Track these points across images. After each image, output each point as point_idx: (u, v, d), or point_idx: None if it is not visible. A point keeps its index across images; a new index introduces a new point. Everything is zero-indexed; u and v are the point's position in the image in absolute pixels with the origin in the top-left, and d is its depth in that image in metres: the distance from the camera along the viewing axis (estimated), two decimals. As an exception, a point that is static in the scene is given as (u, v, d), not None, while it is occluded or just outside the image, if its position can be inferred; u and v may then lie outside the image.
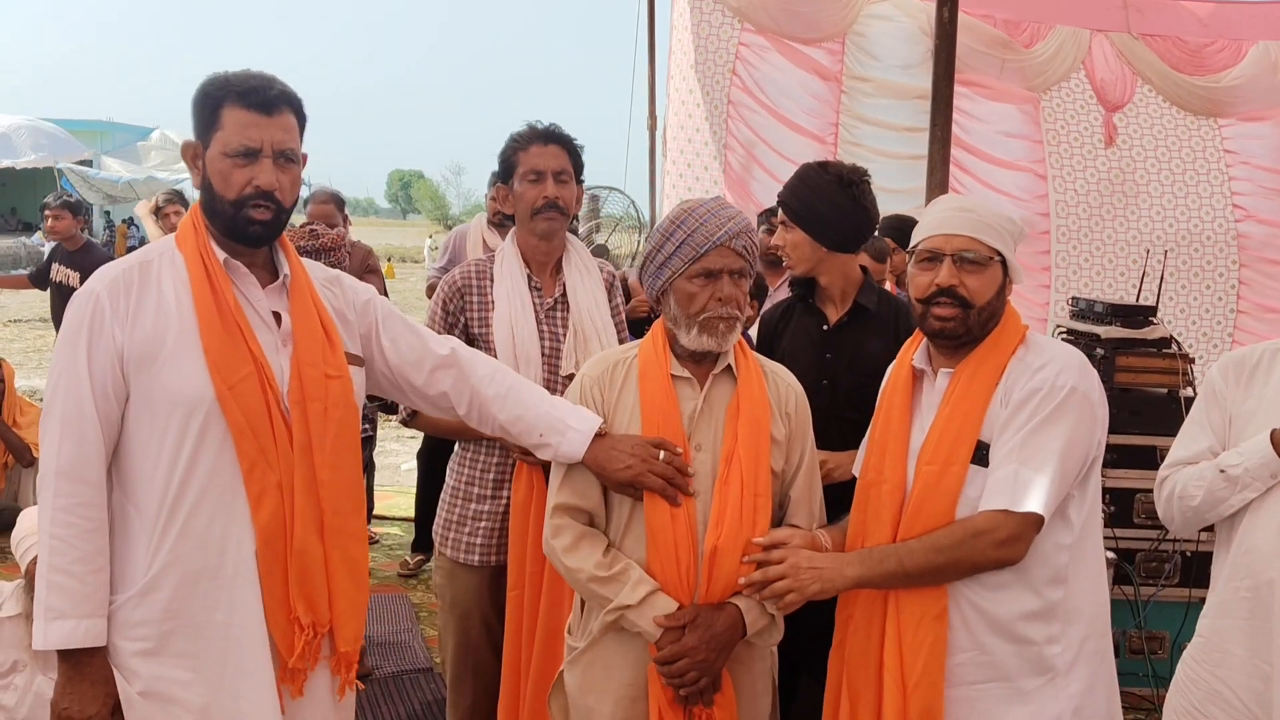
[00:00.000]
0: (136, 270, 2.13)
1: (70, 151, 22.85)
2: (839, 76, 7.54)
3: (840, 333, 3.27)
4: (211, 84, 2.15)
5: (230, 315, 2.11)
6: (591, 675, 2.41)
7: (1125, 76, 7.66)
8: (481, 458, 3.02)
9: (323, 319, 2.27)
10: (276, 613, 2.13)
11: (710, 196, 2.51)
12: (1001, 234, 2.30)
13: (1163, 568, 4.27)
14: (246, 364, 2.10)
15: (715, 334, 2.36)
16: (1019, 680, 2.20)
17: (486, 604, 3.03)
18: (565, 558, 2.37)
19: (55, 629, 2.03)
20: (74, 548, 2.04)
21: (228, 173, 2.11)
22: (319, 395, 2.18)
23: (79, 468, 2.06)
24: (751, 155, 7.51)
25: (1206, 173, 7.78)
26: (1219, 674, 2.44)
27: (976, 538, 2.14)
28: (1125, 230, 7.76)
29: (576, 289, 3.07)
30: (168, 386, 2.07)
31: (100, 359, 2.06)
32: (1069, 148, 7.73)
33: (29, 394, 8.25)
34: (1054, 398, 2.17)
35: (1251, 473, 2.37)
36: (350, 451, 2.24)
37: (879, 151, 7.44)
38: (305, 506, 2.14)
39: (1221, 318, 7.81)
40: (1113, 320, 4.46)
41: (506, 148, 3.06)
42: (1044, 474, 2.12)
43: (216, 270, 2.13)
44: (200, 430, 2.07)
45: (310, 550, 2.15)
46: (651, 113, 8.41)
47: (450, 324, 3.02)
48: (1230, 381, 2.54)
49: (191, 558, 2.09)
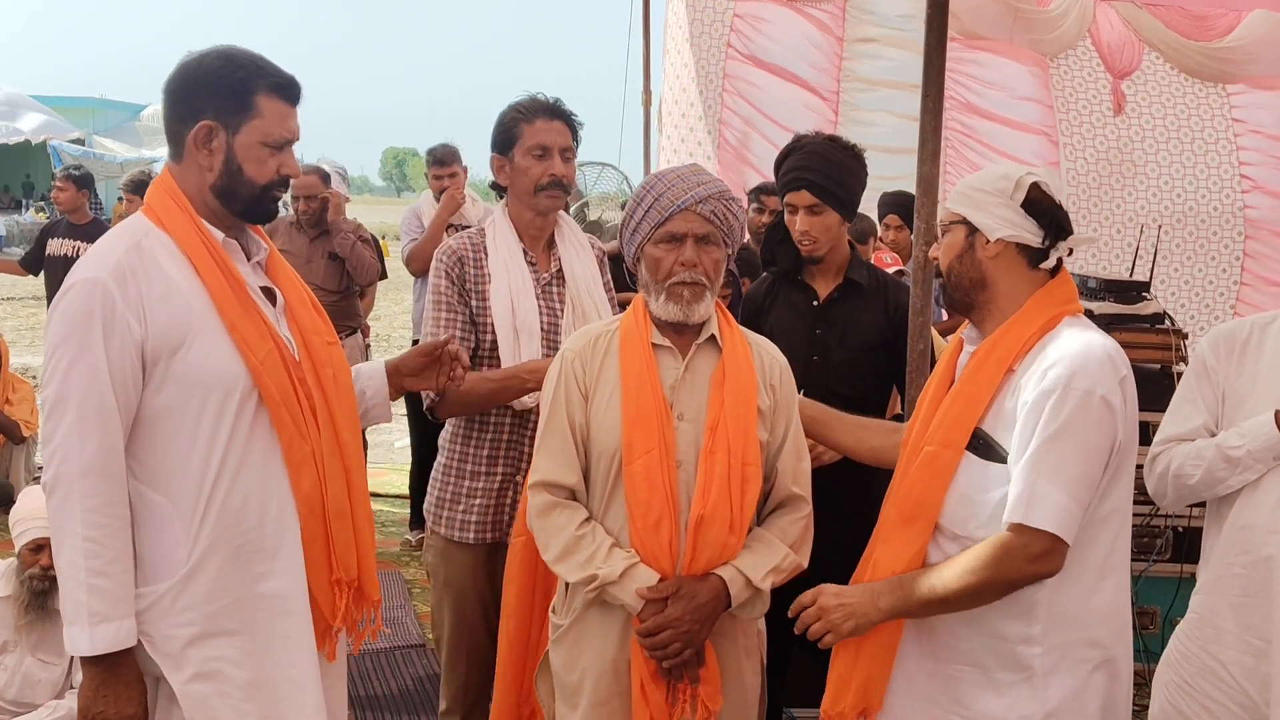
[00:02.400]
0: (134, 253, 2.07)
1: (59, 131, 22.70)
2: (840, 35, 7.45)
3: (831, 308, 3.25)
4: (241, 67, 2.13)
5: (244, 292, 2.13)
6: (576, 652, 2.41)
7: (1132, 43, 7.53)
8: (475, 433, 2.97)
9: (305, 289, 2.33)
10: (319, 577, 2.19)
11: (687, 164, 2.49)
12: (970, 196, 2.22)
13: (1154, 543, 4.27)
14: (267, 339, 2.12)
15: (680, 301, 2.35)
16: (993, 671, 2.16)
17: (482, 582, 3.00)
18: (539, 531, 2.37)
19: (102, 633, 2.00)
20: (109, 548, 2.00)
21: (263, 160, 2.15)
22: (327, 361, 2.25)
23: (106, 464, 2.01)
24: (751, 126, 7.45)
25: (1215, 142, 7.61)
26: (1211, 650, 2.43)
27: (1008, 556, 2.05)
28: (1133, 200, 7.62)
29: (573, 264, 3.01)
30: (201, 368, 2.05)
31: (117, 349, 2.00)
32: (1079, 115, 7.58)
33: (21, 371, 8.23)
34: (1066, 403, 2.03)
35: (1254, 455, 2.34)
36: (354, 412, 2.35)
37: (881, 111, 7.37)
38: (334, 470, 2.20)
39: (1225, 289, 7.72)
40: (1105, 295, 4.44)
41: (508, 118, 2.96)
42: (1065, 490, 2.03)
43: (217, 249, 2.13)
44: (238, 410, 2.08)
45: (344, 511, 2.22)
46: (646, 88, 8.34)
47: (457, 293, 2.91)
48: (1221, 357, 2.50)
49: (233, 535, 2.10)
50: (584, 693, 2.39)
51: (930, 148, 3.10)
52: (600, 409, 2.38)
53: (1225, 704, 2.40)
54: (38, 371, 9.12)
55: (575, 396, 2.40)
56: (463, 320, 2.91)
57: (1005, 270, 2.21)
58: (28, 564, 3.54)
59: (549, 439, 2.41)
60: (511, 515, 2.95)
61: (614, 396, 2.36)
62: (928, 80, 3.09)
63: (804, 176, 3.14)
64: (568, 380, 2.41)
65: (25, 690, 3.56)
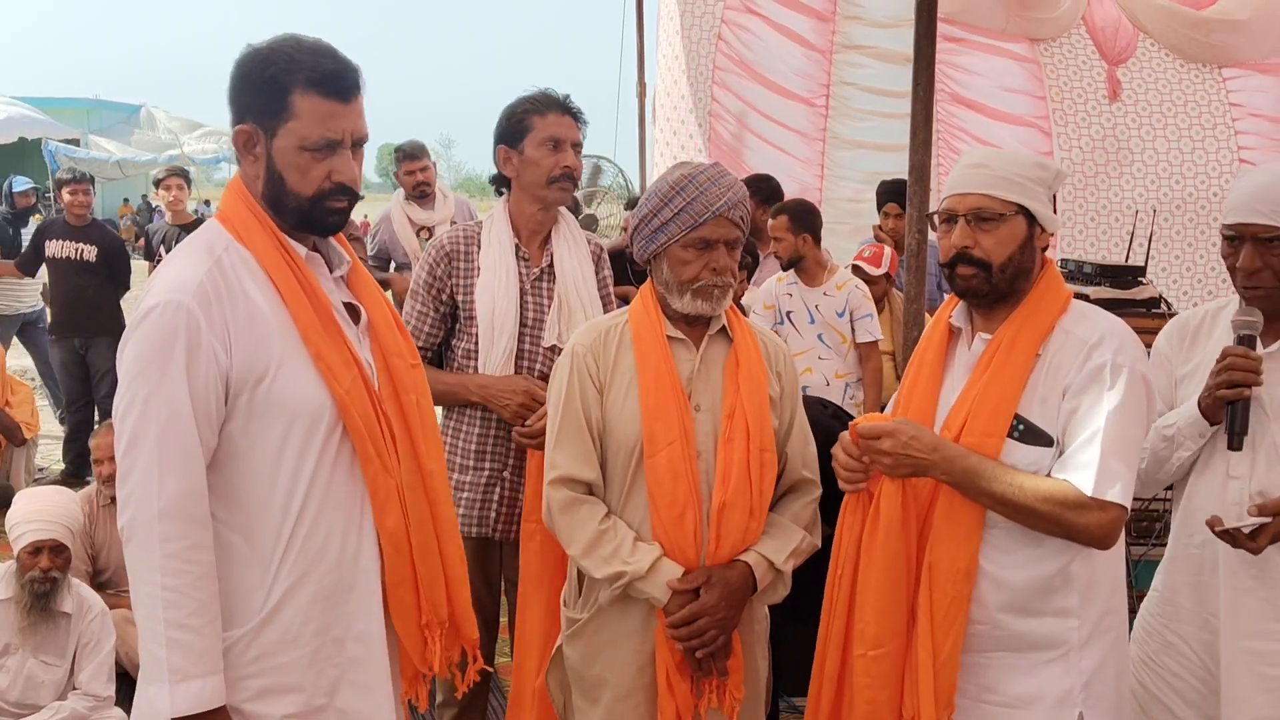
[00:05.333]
0: (217, 272, 1.88)
1: (52, 131, 22.64)
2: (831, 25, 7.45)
3: None
4: (273, 63, 1.89)
5: (329, 315, 1.95)
6: (597, 645, 2.41)
7: (1126, 29, 7.52)
8: (464, 428, 3.00)
9: (388, 306, 2.15)
10: (407, 621, 2.04)
11: (709, 162, 2.49)
12: (1021, 184, 2.18)
13: (1153, 527, 4.27)
14: (351, 366, 1.94)
15: (710, 299, 2.37)
16: (1029, 653, 2.17)
17: (473, 574, 2.98)
18: (562, 527, 2.36)
19: (183, 692, 1.79)
20: (191, 598, 1.80)
21: (306, 167, 1.91)
22: (410, 386, 2.07)
23: (188, 506, 1.82)
24: (743, 124, 7.46)
25: (1213, 127, 7.66)
26: (1172, 626, 2.49)
27: (1084, 514, 2.05)
28: (1131, 188, 7.65)
29: (564, 260, 3.03)
30: (285, 399, 1.89)
31: (201, 381, 1.83)
32: (1073, 103, 7.60)
33: (20, 373, 8.22)
34: (1121, 380, 2.08)
35: (1183, 432, 2.38)
36: (438, 440, 2.15)
37: (870, 112, 7.38)
38: (418, 505, 2.04)
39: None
40: (1101, 280, 4.44)
41: (519, 109, 2.95)
42: (1128, 464, 2.07)
43: (302, 267, 1.94)
44: (323, 442, 1.92)
45: (431, 548, 2.05)
46: (641, 80, 8.35)
47: (437, 289, 2.98)
48: (1175, 345, 2.55)
49: (313, 578, 1.93)
50: (606, 687, 2.39)
51: (921, 136, 3.11)
52: (617, 402, 2.38)
53: (1186, 678, 2.46)
54: (35, 373, 9.13)
55: (590, 391, 2.40)
56: (434, 316, 3.00)
57: (1040, 258, 2.25)
58: (27, 567, 3.55)
59: (565, 434, 2.40)
60: (498, 511, 2.98)
61: (631, 389, 2.37)
62: (918, 69, 3.10)
63: None
64: (581, 375, 2.40)
65: (28, 692, 3.58)
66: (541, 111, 2.92)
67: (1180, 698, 2.47)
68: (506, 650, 3.39)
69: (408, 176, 6.12)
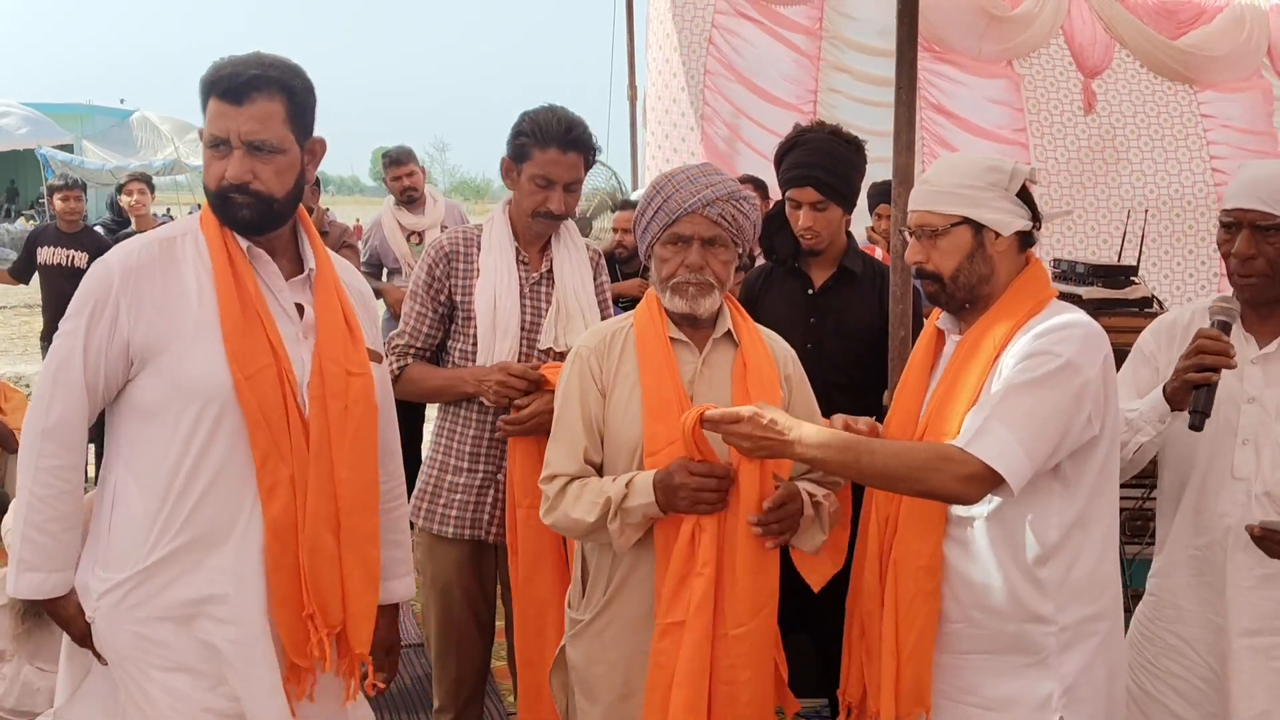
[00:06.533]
0: (157, 248, 2.13)
1: (50, 135, 22.61)
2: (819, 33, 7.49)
3: (825, 296, 3.26)
4: (205, 71, 2.12)
5: (251, 304, 2.10)
6: (598, 646, 2.41)
7: (1103, 41, 7.66)
8: (459, 429, 3.02)
9: (346, 314, 2.25)
10: (283, 609, 2.12)
11: (699, 163, 2.50)
12: (962, 195, 2.21)
13: (1147, 526, 4.28)
14: (265, 354, 2.08)
15: (685, 296, 2.36)
16: (1007, 655, 2.18)
17: (468, 577, 3.03)
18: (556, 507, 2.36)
19: (26, 580, 2.10)
20: (51, 508, 2.09)
21: (208, 164, 2.12)
22: (340, 392, 2.17)
23: (64, 432, 2.09)
24: (735, 132, 7.49)
25: (1185, 137, 7.82)
26: (1174, 629, 2.50)
27: (945, 463, 2.06)
28: (1107, 196, 7.78)
29: (563, 265, 3.04)
30: (185, 374, 2.07)
31: (98, 338, 2.08)
32: (1049, 115, 7.73)
33: (14, 380, 8.22)
34: (1045, 364, 2.08)
35: (1144, 416, 2.37)
36: (369, 450, 2.23)
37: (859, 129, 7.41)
38: (319, 503, 2.13)
39: (1205, 281, 7.82)
40: (1094, 281, 4.45)
41: (523, 135, 2.92)
42: (1016, 435, 2.04)
43: (238, 257, 2.11)
44: (215, 420, 2.07)
45: (323, 548, 2.14)
46: (631, 83, 8.35)
47: (435, 290, 2.99)
48: (1162, 344, 2.55)
49: (196, 548, 2.09)
50: (609, 688, 2.39)
51: (905, 139, 3.13)
52: (620, 404, 2.39)
53: (1189, 679, 2.47)
54: (31, 380, 9.13)
55: (592, 393, 2.41)
56: (432, 317, 3.01)
57: (1007, 260, 2.25)
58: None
59: (558, 433, 2.43)
60: (491, 514, 3.00)
61: (634, 391, 2.38)
62: (900, 73, 3.12)
63: (809, 174, 3.15)
64: (584, 377, 2.41)
65: (24, 699, 3.57)
66: (542, 144, 2.89)
67: (1182, 698, 2.48)
68: (502, 654, 3.40)
69: (395, 182, 6.19)
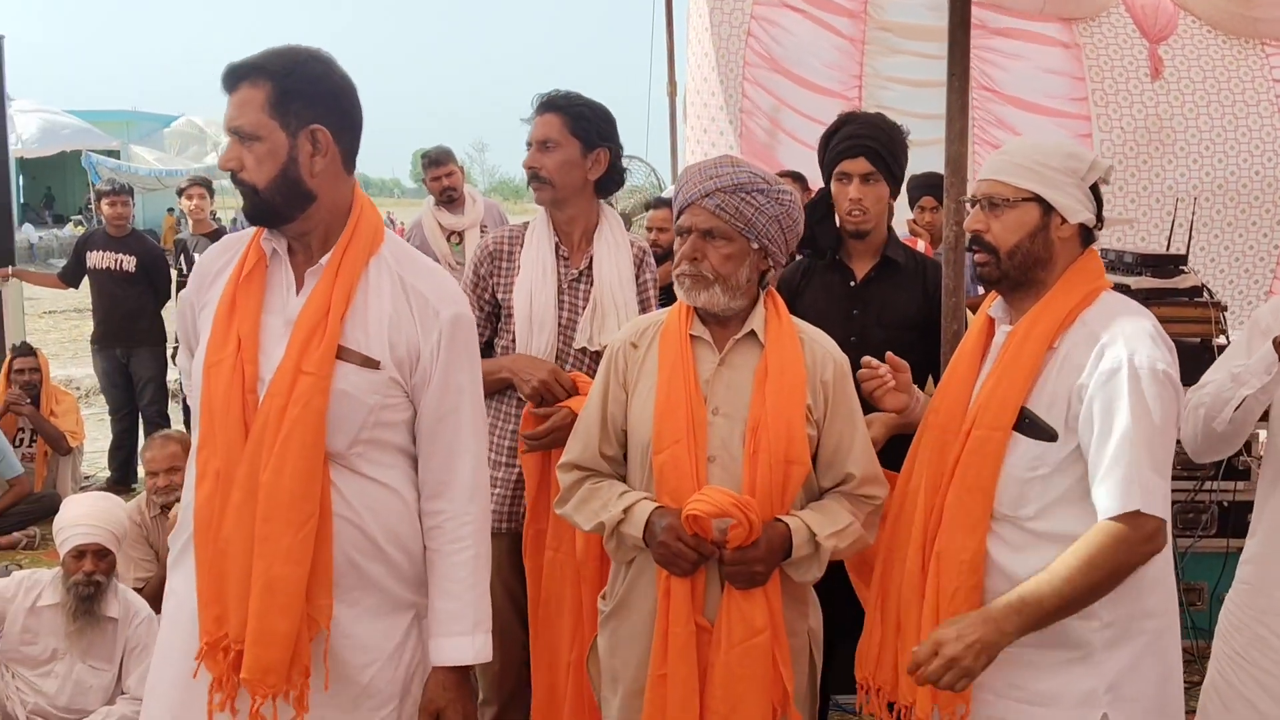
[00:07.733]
0: (224, 246, 2.24)
1: (94, 141, 22.95)
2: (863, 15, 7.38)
3: (868, 288, 3.22)
4: None
5: (236, 299, 2.11)
6: (619, 638, 2.43)
7: (1165, 5, 7.32)
8: (498, 424, 3.04)
9: (332, 309, 2.06)
10: (204, 584, 2.05)
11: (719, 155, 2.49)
12: (1039, 172, 2.16)
13: (1200, 518, 4.21)
14: (229, 345, 2.08)
15: (682, 287, 2.36)
16: (1052, 650, 2.14)
17: (506, 570, 3.03)
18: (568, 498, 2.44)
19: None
20: None
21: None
22: (281, 390, 2.02)
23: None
24: (776, 123, 7.42)
25: (1256, 104, 7.49)
26: (1264, 620, 2.42)
27: (1126, 543, 2.01)
28: (1173, 169, 7.47)
29: (603, 262, 3.04)
30: (196, 360, 2.16)
31: (184, 323, 2.26)
32: (1114, 83, 7.43)
33: (65, 383, 8.35)
34: (1139, 382, 2.03)
35: (1250, 369, 2.33)
36: (303, 457, 2.00)
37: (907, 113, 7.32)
38: (241, 504, 2.01)
39: (1265, 254, 7.49)
40: (1142, 270, 4.38)
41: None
42: (1159, 473, 2.02)
43: (254, 249, 2.14)
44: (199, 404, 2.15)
45: (231, 551, 2.02)
46: (671, 79, 8.34)
47: (480, 288, 3.06)
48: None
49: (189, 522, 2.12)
50: (622, 680, 2.41)
51: (958, 126, 3.08)
52: (641, 399, 2.39)
53: (1276, 673, 2.38)
54: (81, 383, 9.26)
55: (615, 387, 2.44)
56: (479, 315, 3.04)
57: (1067, 250, 2.21)
58: (71, 570, 3.60)
59: (580, 423, 2.49)
60: (527, 507, 2.99)
61: (654, 387, 2.38)
62: (952, 60, 3.07)
63: (861, 144, 3.14)
64: (611, 371, 2.45)
65: (77, 697, 3.62)
66: (532, 116, 3.02)
67: (1266, 693, 2.39)
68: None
69: (434, 182, 6.24)
